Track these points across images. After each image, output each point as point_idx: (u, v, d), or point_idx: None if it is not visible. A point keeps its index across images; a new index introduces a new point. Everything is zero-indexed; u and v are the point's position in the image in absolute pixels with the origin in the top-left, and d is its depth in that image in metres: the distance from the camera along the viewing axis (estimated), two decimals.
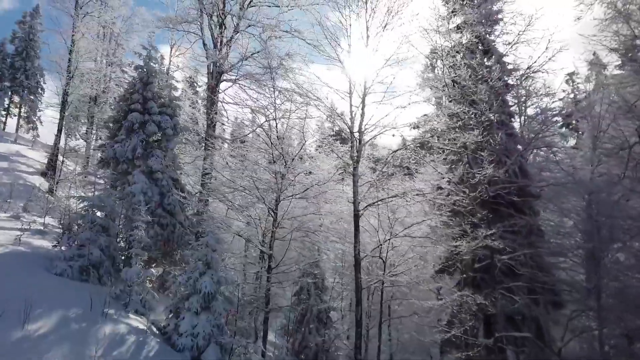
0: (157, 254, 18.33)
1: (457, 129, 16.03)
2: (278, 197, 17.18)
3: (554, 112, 19.17)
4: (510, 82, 20.45)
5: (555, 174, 18.56)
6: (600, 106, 18.56)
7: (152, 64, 20.47)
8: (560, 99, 20.01)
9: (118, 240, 16.63)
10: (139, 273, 13.49)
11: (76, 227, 15.52)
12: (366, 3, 17.50)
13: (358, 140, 16.85)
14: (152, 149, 19.46)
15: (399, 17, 17.27)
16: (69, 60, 29.29)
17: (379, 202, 16.76)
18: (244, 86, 22.66)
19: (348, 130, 17.21)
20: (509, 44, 18.77)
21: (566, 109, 24.39)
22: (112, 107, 36.93)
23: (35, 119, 49.07)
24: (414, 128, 17.13)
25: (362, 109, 17.01)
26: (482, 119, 16.87)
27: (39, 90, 49.03)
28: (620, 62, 46.32)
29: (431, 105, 22.48)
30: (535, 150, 19.88)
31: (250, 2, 23.33)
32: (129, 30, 37.40)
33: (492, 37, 20.91)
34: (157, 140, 20.00)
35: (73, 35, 29.50)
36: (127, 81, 36.74)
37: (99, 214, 15.58)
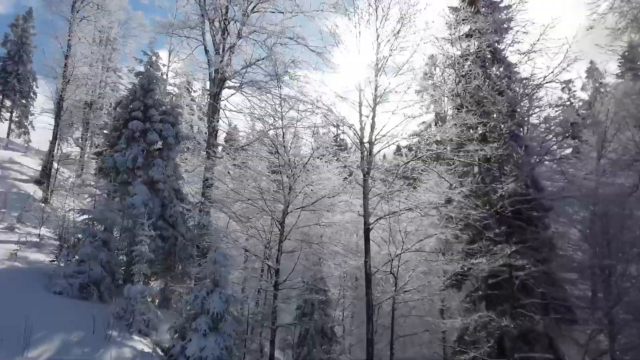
0: (158, 268, 17.67)
1: (475, 141, 15.55)
2: (285, 208, 16.59)
3: (557, 122, 18.79)
4: (520, 91, 20.07)
5: (561, 184, 18.20)
6: (606, 115, 18.25)
7: (153, 70, 19.87)
8: (558, 106, 19.59)
9: (118, 254, 15.95)
10: (143, 291, 12.83)
11: (74, 240, 14.86)
12: (376, 10, 17.08)
13: (368, 151, 16.33)
14: (153, 158, 18.83)
15: (410, 25, 16.89)
16: (65, 65, 28.54)
17: (390, 215, 16.24)
18: (247, 94, 22.05)
19: (358, 141, 16.69)
20: (522, 53, 18.33)
21: (569, 118, 24.03)
22: (109, 113, 36.53)
23: (27, 124, 48.05)
24: (426, 139, 16.58)
25: (373, 118, 16.53)
26: (503, 131, 16.42)
27: (32, 94, 48.02)
28: (619, 71, 45.86)
29: (428, 113, 22.30)
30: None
31: (253, 7, 22.79)
32: (126, 34, 36.79)
33: (502, 46, 20.53)
34: (158, 149, 19.38)
35: (69, 40, 28.76)
36: (123, 87, 36.47)
37: (98, 226, 14.93)
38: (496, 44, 20.14)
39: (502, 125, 16.76)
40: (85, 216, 14.68)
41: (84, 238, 14.10)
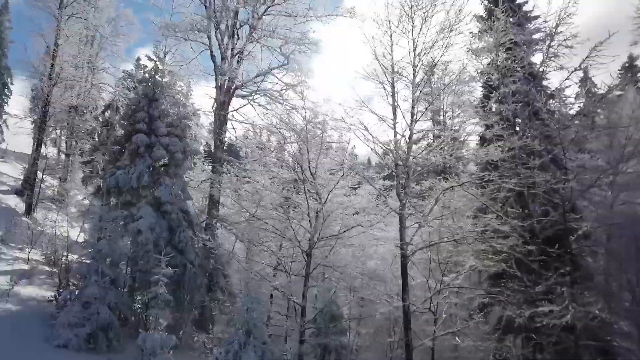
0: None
1: (531, 167, 14.12)
2: (312, 237, 14.88)
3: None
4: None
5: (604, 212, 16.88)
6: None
7: (158, 77, 17.93)
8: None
9: (127, 292, 14.04)
10: (164, 343, 10.93)
11: (78, 276, 12.92)
12: (413, 19, 15.53)
13: (406, 175, 14.75)
14: (159, 176, 16.92)
15: (451, 35, 15.43)
16: (52, 65, 26.17)
17: (430, 246, 14.69)
18: (261, 105, 20.26)
19: (393, 163, 15.11)
20: (564, 69, 16.96)
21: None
22: (95, 117, 34.16)
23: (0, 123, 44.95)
24: (467, 161, 15.10)
25: (410, 138, 14.98)
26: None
27: (6, 91, 44.98)
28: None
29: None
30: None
31: (265, 10, 20.98)
32: (114, 33, 34.44)
33: (535, 59, 19.17)
34: (163, 165, 17.47)
35: (57, 38, 26.44)
36: (111, 88, 34.06)
37: (104, 260, 12.97)
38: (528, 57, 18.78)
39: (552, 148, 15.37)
40: (91, 250, 12.65)
41: (88, 276, 12.10)
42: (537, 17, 20.67)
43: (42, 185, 25.97)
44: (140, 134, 16.59)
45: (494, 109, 18.15)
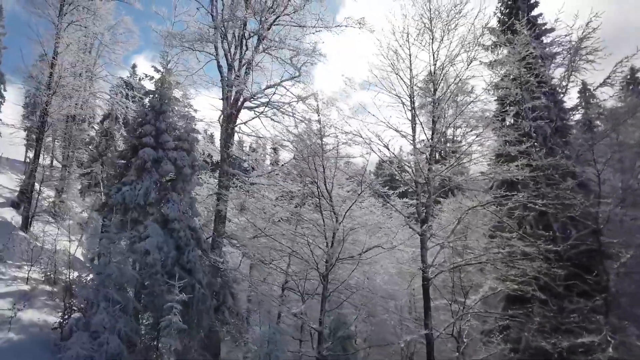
0: None
1: (562, 187, 13.59)
2: (330, 258, 14.20)
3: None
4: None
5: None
6: None
7: (165, 89, 17.26)
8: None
9: (136, 318, 13.27)
10: None
11: (76, 290, 12.17)
12: (432, 31, 15.03)
13: (427, 194, 14.15)
14: (166, 191, 16.20)
15: (471, 49, 14.93)
16: (50, 74, 25.37)
17: (454, 268, 14.07)
18: (271, 118, 19.60)
19: (412, 180, 14.53)
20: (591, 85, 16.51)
21: None
22: (93, 127, 33.34)
23: None
24: (492, 179, 14.52)
25: (431, 155, 14.41)
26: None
27: None
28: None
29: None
30: None
31: (275, 20, 20.38)
32: (112, 40, 33.66)
33: (551, 72, 18.72)
34: (170, 180, 16.76)
35: (56, 46, 25.66)
36: (108, 96, 33.20)
37: (112, 285, 12.21)
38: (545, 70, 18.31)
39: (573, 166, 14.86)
40: (101, 274, 11.88)
41: (96, 302, 11.34)
42: (552, 29, 20.32)
43: (39, 197, 25.03)
44: (147, 148, 15.89)
45: (508, 124, 17.73)
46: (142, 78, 43.83)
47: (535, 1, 20.64)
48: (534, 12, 20.71)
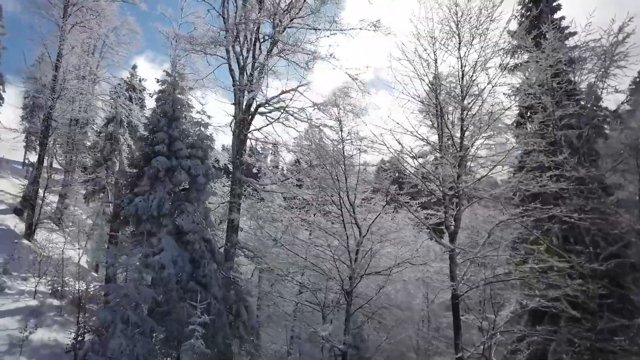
0: None
1: (604, 202, 12.96)
2: (353, 273, 13.54)
3: None
4: None
5: None
6: None
7: (178, 94, 16.60)
8: None
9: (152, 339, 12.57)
10: None
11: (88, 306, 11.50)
12: (459, 35, 14.38)
13: (456, 207, 13.50)
14: (180, 202, 15.53)
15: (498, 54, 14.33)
16: (54, 77, 24.64)
17: (485, 284, 13.40)
18: (287, 125, 18.92)
19: (440, 192, 13.88)
20: (624, 92, 15.90)
21: None
22: (96, 130, 32.56)
23: None
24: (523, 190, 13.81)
25: (460, 165, 13.74)
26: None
27: None
28: None
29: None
30: None
31: (289, 22, 19.68)
32: (115, 42, 32.92)
33: (577, 78, 18.07)
34: (183, 190, 16.09)
35: (60, 48, 24.95)
36: (111, 99, 32.44)
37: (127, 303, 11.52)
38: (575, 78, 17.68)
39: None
40: (115, 292, 11.21)
41: (113, 325, 10.65)
42: (574, 33, 19.71)
43: (43, 204, 24.30)
44: (160, 157, 15.23)
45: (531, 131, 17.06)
46: (143, 79, 43.28)
47: (557, 4, 20.03)
48: (556, 15, 20.13)
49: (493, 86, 13.46)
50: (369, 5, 21.21)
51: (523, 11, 20.76)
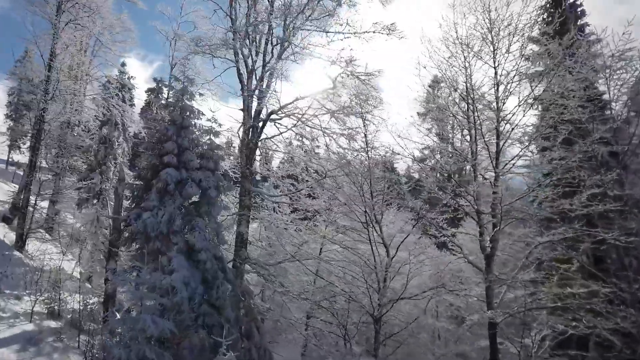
0: None
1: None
2: (381, 299, 12.54)
3: None
4: None
5: None
6: None
7: (187, 101, 15.46)
8: None
9: None
10: None
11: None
12: (493, 45, 13.49)
13: (493, 227, 12.59)
14: (190, 217, 14.40)
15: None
16: (47, 77, 23.24)
17: (523, 311, 12.49)
18: (301, 135, 17.82)
19: (473, 210, 12.96)
20: None
21: None
22: (88, 131, 31.06)
23: None
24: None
25: (496, 180, 12.84)
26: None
27: None
28: None
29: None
30: None
31: (301, 24, 18.58)
32: (109, 40, 31.47)
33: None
34: (194, 203, 14.94)
35: (54, 47, 23.57)
36: (102, 101, 30.94)
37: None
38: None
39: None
40: (132, 323, 10.07)
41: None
42: (599, 40, 18.96)
43: (34, 212, 22.91)
44: (169, 169, 14.09)
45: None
46: (132, 77, 41.65)
47: (582, 9, 19.27)
48: (579, 21, 19.40)
49: (535, 99, 12.52)
50: (371, 9, 20.22)
51: (544, 16, 19.97)
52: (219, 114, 26.93)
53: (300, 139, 17.74)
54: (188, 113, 15.34)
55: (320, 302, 15.87)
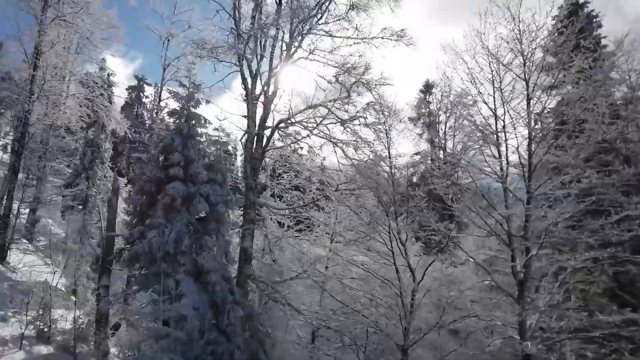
0: None
1: None
2: (408, 326, 11.71)
3: None
4: None
5: None
6: None
7: (193, 108, 14.41)
8: None
9: None
10: None
11: None
12: (524, 57, 12.79)
13: (525, 251, 11.88)
14: (198, 235, 13.35)
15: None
16: (32, 77, 21.74)
17: (560, 341, 11.80)
18: (309, 145, 16.90)
19: (505, 234, 12.23)
20: None
21: None
22: (72, 132, 29.47)
23: None
24: None
25: (529, 202, 12.11)
26: None
27: None
28: None
29: None
30: None
31: (311, 28, 17.66)
32: (96, 37, 29.93)
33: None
34: (200, 219, 13.87)
35: (39, 44, 22.10)
36: (86, 100, 29.35)
37: None
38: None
39: None
40: None
41: None
42: (613, 53, 18.56)
43: (17, 221, 21.43)
44: (176, 182, 13.03)
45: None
46: (112, 74, 39.77)
47: (598, 21, 18.84)
48: (595, 32, 18.96)
49: (578, 120, 11.84)
50: (383, 14, 19.35)
51: (559, 26, 19.46)
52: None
53: (312, 149, 16.76)
54: (194, 121, 14.30)
55: (333, 326, 14.88)
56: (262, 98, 17.91)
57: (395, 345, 11.74)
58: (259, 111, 17.85)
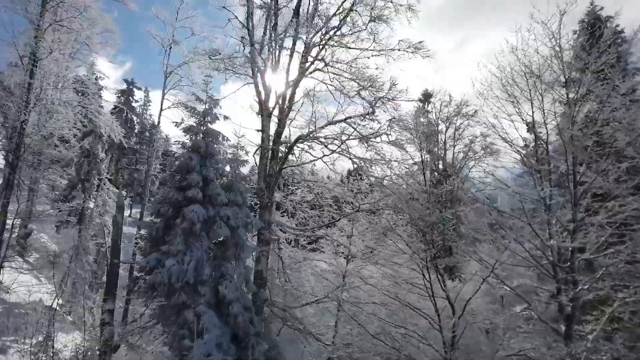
0: None
1: None
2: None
3: None
4: None
5: None
6: None
7: (210, 124, 13.49)
8: None
9: None
10: None
11: None
12: (564, 74, 12.14)
13: (573, 283, 11.16)
14: (218, 262, 12.40)
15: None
16: (29, 85, 20.58)
17: None
18: (327, 163, 16.00)
19: (549, 264, 11.50)
20: None
21: None
22: (66, 142, 28.24)
23: None
24: None
25: (574, 232, 11.41)
26: None
27: None
28: None
29: None
30: None
31: (326, 41, 16.80)
32: (94, 42, 28.76)
33: None
34: (219, 244, 12.90)
35: (34, 51, 20.96)
36: (79, 108, 28.11)
37: None
38: None
39: None
40: None
41: None
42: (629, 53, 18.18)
43: (10, 237, 20.18)
44: (195, 205, 12.04)
45: None
46: (101, 77, 38.31)
47: (622, 36, 18.31)
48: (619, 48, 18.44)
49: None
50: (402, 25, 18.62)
51: (580, 40, 18.93)
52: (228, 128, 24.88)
53: (331, 166, 15.86)
54: (212, 138, 13.37)
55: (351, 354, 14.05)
56: (276, 112, 17.04)
57: None
58: (273, 125, 16.99)
